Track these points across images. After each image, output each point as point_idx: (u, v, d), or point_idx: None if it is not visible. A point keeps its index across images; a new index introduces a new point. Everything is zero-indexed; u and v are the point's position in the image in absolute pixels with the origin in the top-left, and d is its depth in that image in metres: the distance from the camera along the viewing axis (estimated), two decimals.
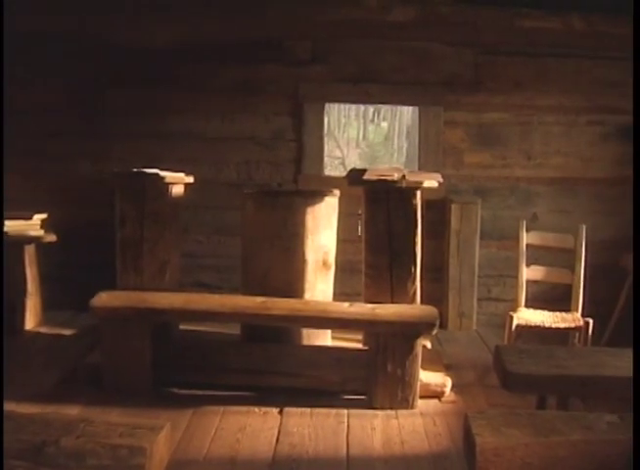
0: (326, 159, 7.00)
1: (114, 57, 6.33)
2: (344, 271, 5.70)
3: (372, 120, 23.21)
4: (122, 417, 3.93)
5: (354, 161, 18.04)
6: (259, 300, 4.67)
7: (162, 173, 4.91)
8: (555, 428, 2.71)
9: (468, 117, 6.48)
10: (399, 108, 15.67)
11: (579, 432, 2.70)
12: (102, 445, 2.54)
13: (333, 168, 15.69)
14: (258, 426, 4.23)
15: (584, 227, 5.34)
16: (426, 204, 6.11)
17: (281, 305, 4.61)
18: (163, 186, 4.92)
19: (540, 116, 6.51)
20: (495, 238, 6.50)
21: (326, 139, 6.75)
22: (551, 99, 6.48)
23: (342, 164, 17.17)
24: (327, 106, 6.68)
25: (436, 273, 6.44)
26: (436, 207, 6.36)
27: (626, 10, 6.15)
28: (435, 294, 6.25)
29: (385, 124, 22.49)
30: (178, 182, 5.07)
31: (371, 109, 21.81)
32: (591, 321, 5.00)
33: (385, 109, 20.70)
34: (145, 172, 4.89)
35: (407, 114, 15.15)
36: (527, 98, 6.47)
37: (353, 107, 20.07)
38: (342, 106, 18.87)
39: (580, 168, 6.56)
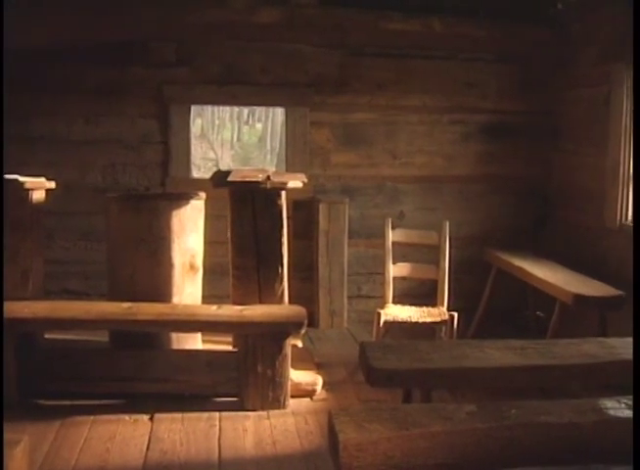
0: (200, 161, 6.96)
1: None
2: (215, 273, 5.66)
3: (246, 122, 23.18)
4: None
5: (228, 162, 17.97)
6: (125, 305, 4.60)
7: (22, 179, 4.77)
8: (416, 421, 2.77)
9: (334, 118, 6.54)
10: (273, 109, 15.69)
11: (439, 423, 2.77)
12: None
13: (207, 170, 15.55)
14: (129, 434, 4.18)
15: (447, 223, 5.48)
16: (294, 204, 6.19)
17: (147, 309, 4.56)
18: (23, 192, 4.78)
19: (405, 115, 6.64)
20: (364, 236, 6.59)
21: (200, 141, 6.70)
22: (414, 99, 6.62)
23: (217, 165, 17.05)
24: (201, 108, 6.62)
25: (307, 273, 6.49)
26: (305, 207, 6.42)
27: (483, 12, 6.39)
28: (306, 293, 6.30)
29: (259, 126, 22.50)
30: (39, 187, 4.92)
31: (245, 110, 21.76)
32: (456, 315, 5.14)
33: (259, 110, 20.70)
34: (3, 178, 4.74)
35: (281, 115, 15.20)
36: (392, 98, 6.59)
37: (227, 108, 19.99)
38: (217, 107, 18.77)
39: (444, 167, 6.73)
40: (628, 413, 2.92)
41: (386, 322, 5.12)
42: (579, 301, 4.93)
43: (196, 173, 12.53)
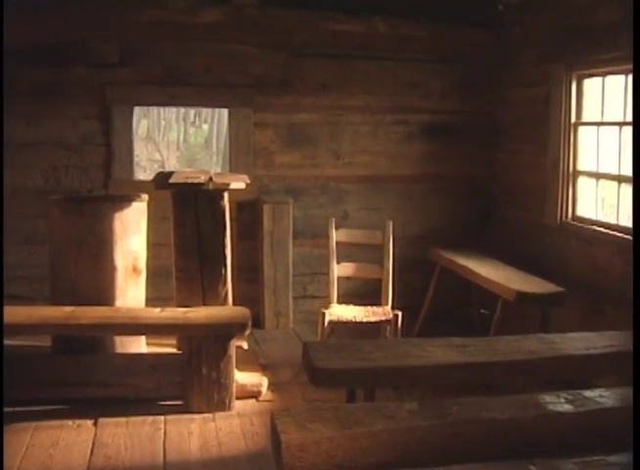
0: (146, 162, 6.89)
1: None
2: (160, 276, 5.63)
3: (193, 123, 23.08)
4: None
5: (174, 163, 17.89)
6: (68, 309, 4.56)
7: None
8: (358, 420, 2.79)
9: (277, 119, 6.52)
10: (220, 110, 15.63)
11: (381, 422, 2.79)
12: None
13: (153, 172, 15.41)
14: (72, 440, 4.14)
15: (391, 223, 5.52)
16: (238, 205, 6.18)
17: (90, 313, 4.52)
18: None
19: (348, 116, 6.65)
20: (308, 237, 6.58)
21: (146, 142, 6.63)
22: (358, 99, 6.64)
23: (162, 167, 16.99)
24: (146, 109, 6.54)
25: (252, 274, 6.48)
26: (249, 207, 6.41)
27: (425, 13, 6.44)
28: (252, 294, 6.32)
29: (205, 127, 22.43)
30: None
31: (192, 111, 21.69)
32: (400, 314, 5.18)
33: (205, 111, 20.64)
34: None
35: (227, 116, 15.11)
36: (335, 99, 6.60)
37: (173, 109, 19.89)
38: (162, 109, 18.67)
39: (387, 166, 6.75)
40: (567, 407, 2.97)
41: (330, 322, 5.14)
42: (521, 298, 4.99)
43: (142, 175, 12.44)
